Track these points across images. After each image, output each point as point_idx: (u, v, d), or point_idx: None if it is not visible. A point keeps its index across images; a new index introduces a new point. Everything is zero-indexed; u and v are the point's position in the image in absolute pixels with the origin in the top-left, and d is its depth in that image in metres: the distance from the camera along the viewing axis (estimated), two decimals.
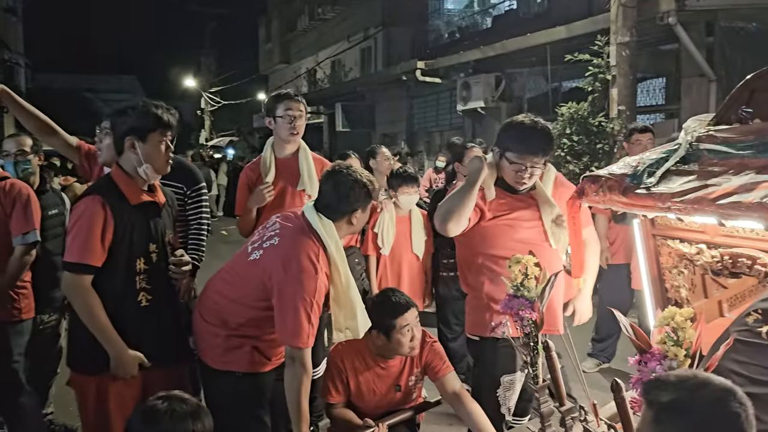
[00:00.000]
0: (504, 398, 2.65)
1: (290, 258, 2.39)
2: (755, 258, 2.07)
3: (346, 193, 2.49)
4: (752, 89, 2.22)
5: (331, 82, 19.89)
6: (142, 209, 2.48)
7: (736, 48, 7.13)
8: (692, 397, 1.27)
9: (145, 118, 2.43)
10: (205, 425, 1.82)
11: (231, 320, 2.52)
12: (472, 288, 2.91)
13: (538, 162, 2.71)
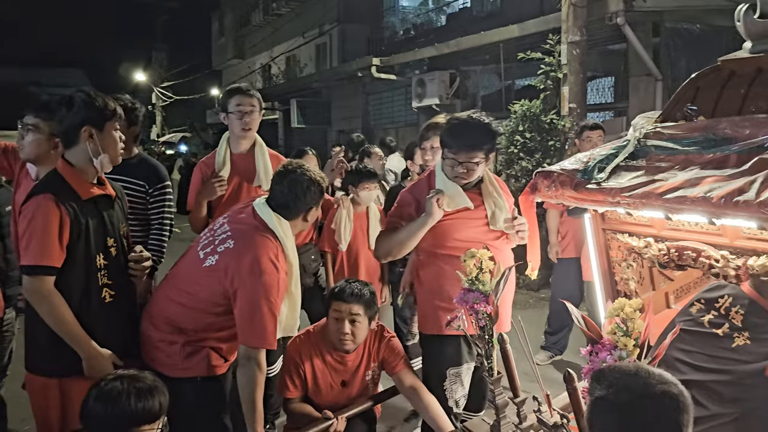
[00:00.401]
0: (451, 391, 2.68)
1: (252, 259, 2.36)
2: (700, 251, 2.14)
3: (303, 193, 2.50)
4: (697, 87, 2.30)
5: (286, 78, 19.71)
6: (95, 203, 2.41)
7: (681, 48, 7.36)
8: (620, 395, 1.32)
9: (101, 107, 2.37)
10: (162, 402, 1.90)
11: (188, 327, 2.47)
12: (420, 284, 2.93)
13: (473, 157, 2.67)
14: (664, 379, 1.33)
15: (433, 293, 2.80)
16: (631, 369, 1.37)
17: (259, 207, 2.52)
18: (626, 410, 1.30)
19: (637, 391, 1.31)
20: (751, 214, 1.73)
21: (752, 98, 2.09)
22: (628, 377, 1.34)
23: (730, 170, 1.91)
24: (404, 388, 2.78)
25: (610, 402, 1.32)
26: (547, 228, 4.95)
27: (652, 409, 1.30)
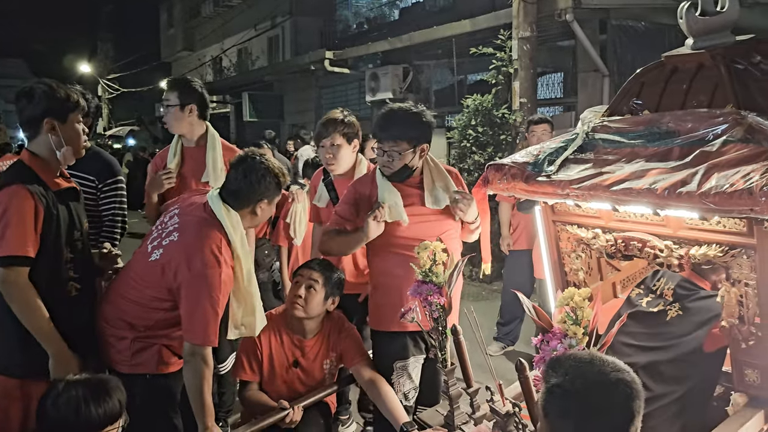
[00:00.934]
0: (399, 384, 2.69)
1: (193, 252, 2.31)
2: (645, 241, 2.21)
3: (256, 182, 2.43)
4: (642, 82, 2.36)
5: (237, 71, 19.42)
6: (62, 195, 2.34)
7: (627, 45, 7.56)
8: (575, 383, 1.34)
9: (64, 99, 2.30)
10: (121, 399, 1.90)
11: (138, 323, 2.41)
12: (369, 281, 2.94)
13: (396, 146, 2.64)
14: (618, 367, 1.36)
15: (381, 290, 2.79)
16: (585, 357, 1.40)
17: (211, 198, 2.46)
18: (582, 397, 1.33)
19: (592, 379, 1.34)
20: (693, 204, 1.79)
21: (694, 93, 2.16)
22: (583, 365, 1.37)
23: (673, 162, 1.97)
24: (363, 381, 2.77)
25: (566, 389, 1.35)
26: (499, 221, 5.02)
27: (607, 395, 1.33)
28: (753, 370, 2.10)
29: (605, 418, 1.32)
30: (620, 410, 1.33)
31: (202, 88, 3.35)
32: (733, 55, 2.16)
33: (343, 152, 3.15)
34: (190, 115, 3.26)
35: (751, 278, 1.98)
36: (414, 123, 2.66)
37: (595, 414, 1.32)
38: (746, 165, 1.77)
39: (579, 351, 1.46)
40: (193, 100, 3.26)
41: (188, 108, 3.25)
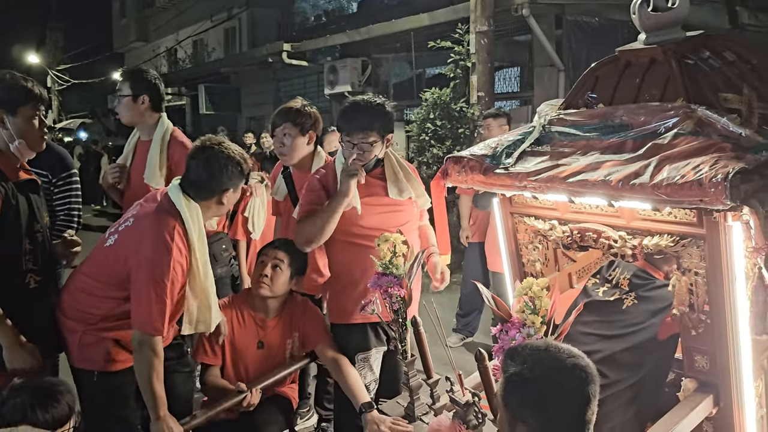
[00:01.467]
0: (360, 377, 2.69)
1: (144, 237, 2.25)
2: (600, 232, 2.26)
3: (219, 171, 2.36)
4: (596, 76, 2.41)
5: (193, 63, 19.07)
6: (22, 187, 2.28)
7: (581, 41, 7.70)
8: (533, 370, 1.38)
9: (14, 90, 2.23)
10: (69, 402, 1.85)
11: (92, 314, 2.35)
12: (328, 274, 2.93)
13: (367, 138, 2.65)
14: (573, 353, 1.40)
15: (341, 282, 2.78)
16: (541, 345, 1.43)
17: (171, 188, 2.39)
18: (540, 384, 1.36)
19: (549, 366, 1.37)
20: (645, 195, 1.84)
21: (646, 87, 2.21)
22: (539, 353, 1.40)
23: (627, 155, 2.01)
24: (326, 360, 2.76)
25: (524, 377, 1.37)
26: (458, 213, 5.08)
27: (564, 381, 1.36)
28: (702, 356, 2.17)
29: (562, 403, 1.35)
30: (577, 395, 1.36)
31: (156, 79, 3.25)
32: (684, 50, 2.22)
33: (295, 143, 3.11)
34: (143, 105, 3.17)
35: (700, 267, 2.04)
36: (379, 114, 2.67)
37: (553, 399, 1.35)
38: (696, 157, 1.82)
39: (535, 340, 1.49)
40: (146, 90, 3.17)
41: (141, 98, 3.16)
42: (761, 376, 2.23)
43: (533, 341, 1.45)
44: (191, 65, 18.96)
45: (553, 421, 1.36)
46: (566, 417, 1.37)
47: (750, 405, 2.14)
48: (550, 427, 1.36)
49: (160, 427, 2.23)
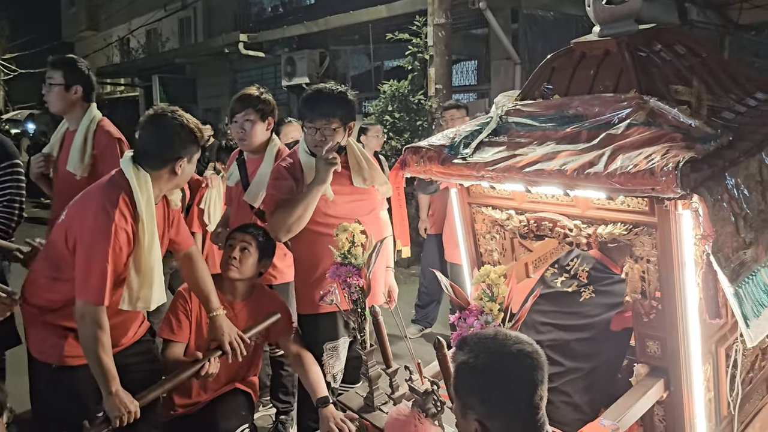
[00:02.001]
0: (328, 365, 2.69)
1: (87, 206, 2.20)
2: (556, 221, 2.29)
3: (169, 138, 2.28)
4: (552, 68, 2.44)
5: (146, 53, 18.62)
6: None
7: (537, 34, 7.80)
8: (479, 358, 1.39)
9: None
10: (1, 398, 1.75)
11: (51, 300, 2.29)
12: (295, 263, 2.92)
13: (330, 124, 2.67)
14: (520, 340, 1.41)
15: (308, 272, 2.78)
16: (489, 333, 1.44)
17: (125, 158, 2.32)
18: (486, 371, 1.37)
19: (494, 353, 1.39)
20: (600, 184, 1.87)
21: (600, 78, 2.25)
22: (487, 341, 1.41)
23: (582, 145, 2.05)
24: (290, 353, 2.77)
25: (471, 365, 1.39)
26: (417, 205, 5.10)
27: (509, 367, 1.38)
28: (654, 341, 2.22)
29: (509, 389, 1.37)
30: (523, 380, 1.38)
31: (89, 69, 3.22)
32: (637, 43, 2.26)
33: (255, 128, 3.13)
34: (75, 95, 3.12)
35: (652, 255, 2.09)
36: (341, 101, 2.71)
37: (499, 386, 1.37)
38: (648, 147, 1.87)
39: (485, 329, 1.50)
40: (80, 80, 3.13)
41: (74, 88, 3.11)
42: (709, 360, 2.30)
43: (483, 330, 1.46)
44: (145, 55, 18.50)
45: (500, 408, 1.37)
46: (513, 403, 1.38)
47: (699, 388, 2.21)
48: (497, 414, 1.37)
49: (113, 402, 2.15)
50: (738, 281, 1.89)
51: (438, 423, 1.87)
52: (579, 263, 2.49)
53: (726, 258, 1.85)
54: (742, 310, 1.87)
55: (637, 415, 2.14)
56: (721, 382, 2.37)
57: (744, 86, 2.37)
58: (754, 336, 1.89)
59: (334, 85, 2.79)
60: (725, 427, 2.42)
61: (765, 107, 2.31)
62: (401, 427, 1.88)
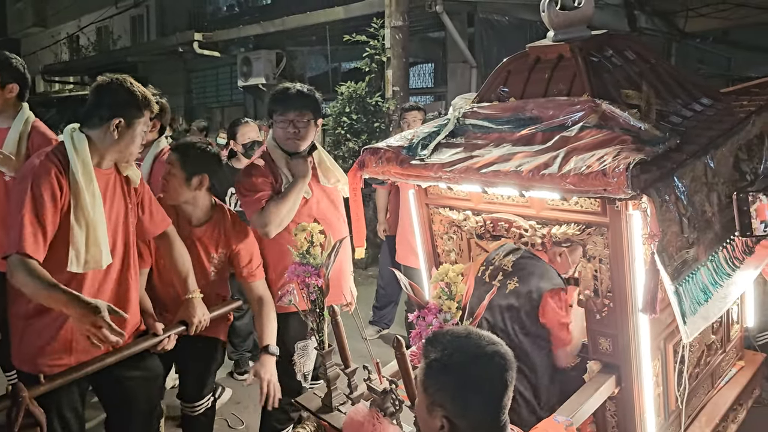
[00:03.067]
0: (299, 365, 2.68)
1: (22, 170, 2.24)
2: (512, 222, 2.33)
3: (106, 95, 2.25)
4: (508, 71, 2.48)
5: (97, 51, 18.15)
6: None
7: (493, 38, 7.92)
8: (453, 356, 1.39)
9: None
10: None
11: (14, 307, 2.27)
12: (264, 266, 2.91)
13: (303, 116, 2.77)
14: (492, 340, 1.42)
15: (278, 271, 2.80)
16: (462, 332, 1.45)
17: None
18: (460, 370, 1.38)
19: (469, 352, 1.39)
20: (554, 185, 1.92)
21: (555, 82, 2.30)
22: (460, 339, 1.42)
23: (536, 147, 2.09)
24: (252, 298, 2.79)
25: (444, 363, 1.39)
26: (374, 206, 5.11)
27: (484, 368, 1.39)
28: (606, 339, 2.28)
29: (482, 389, 1.38)
30: (496, 381, 1.39)
31: (24, 67, 3.15)
32: (589, 48, 2.33)
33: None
34: (10, 94, 3.06)
35: (604, 254, 2.15)
36: (310, 98, 2.82)
37: (473, 386, 1.38)
38: (600, 149, 1.92)
39: (456, 327, 1.51)
40: (16, 79, 3.07)
41: (10, 87, 3.05)
42: (658, 356, 2.38)
43: (455, 327, 1.47)
44: (95, 53, 18.04)
45: (471, 407, 1.38)
46: (484, 403, 1.39)
47: (648, 384, 2.28)
48: (467, 413, 1.39)
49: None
50: (679, 279, 1.96)
51: (396, 422, 1.88)
52: (503, 254, 2.51)
53: (670, 257, 1.92)
54: (680, 308, 1.94)
55: (590, 411, 2.20)
56: (669, 377, 2.45)
57: (690, 92, 2.46)
58: (691, 332, 1.97)
59: (300, 85, 2.87)
60: (673, 421, 2.51)
61: (710, 112, 2.41)
62: (359, 427, 1.88)
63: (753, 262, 2.34)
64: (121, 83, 2.27)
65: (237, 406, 4.01)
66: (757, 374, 3.11)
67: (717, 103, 2.50)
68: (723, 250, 2.19)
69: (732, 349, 3.02)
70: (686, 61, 8.20)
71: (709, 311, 2.07)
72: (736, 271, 2.23)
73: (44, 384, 2.12)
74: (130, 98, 2.27)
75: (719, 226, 2.19)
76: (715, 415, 2.73)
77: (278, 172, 2.80)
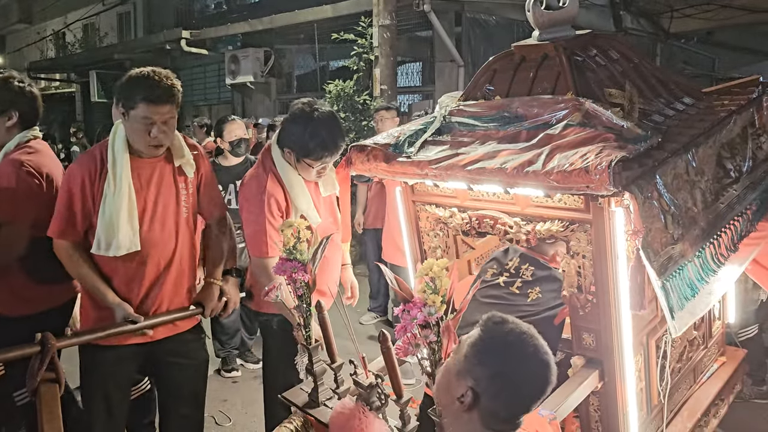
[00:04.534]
0: (301, 363, 2.68)
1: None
2: (497, 218, 2.36)
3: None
4: (494, 70, 2.51)
5: (84, 48, 18.02)
6: None
7: (479, 37, 7.97)
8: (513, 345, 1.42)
9: None
10: None
11: None
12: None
13: (333, 160, 2.69)
14: (548, 352, 1.44)
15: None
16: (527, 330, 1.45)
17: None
18: (512, 359, 1.41)
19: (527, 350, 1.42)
20: (538, 182, 1.94)
21: (539, 80, 2.33)
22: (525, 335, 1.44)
23: (521, 144, 2.12)
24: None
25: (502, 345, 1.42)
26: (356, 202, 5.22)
27: (532, 370, 1.41)
28: (589, 334, 2.32)
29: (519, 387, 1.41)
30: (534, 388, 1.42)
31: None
32: (573, 47, 2.35)
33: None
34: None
35: (587, 251, 2.18)
36: (342, 131, 2.74)
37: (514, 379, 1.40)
38: (583, 146, 1.95)
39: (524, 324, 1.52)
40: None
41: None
42: (641, 351, 2.41)
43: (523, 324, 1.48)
44: (81, 50, 17.91)
45: (501, 396, 1.40)
46: (514, 399, 1.42)
47: (631, 379, 2.32)
48: (496, 399, 1.40)
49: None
50: (666, 275, 1.98)
51: (382, 416, 1.89)
52: (519, 261, 2.56)
53: (655, 253, 1.95)
54: (668, 302, 1.96)
55: (574, 405, 2.23)
56: (651, 372, 2.49)
57: (673, 91, 2.50)
58: (679, 327, 1.99)
59: (329, 109, 2.72)
60: (655, 416, 2.55)
61: (692, 111, 2.45)
62: (345, 422, 1.89)
63: (737, 259, 2.37)
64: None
65: (224, 404, 4.02)
66: (739, 370, 3.15)
67: (699, 102, 2.53)
68: (710, 246, 2.21)
69: (714, 345, 3.06)
70: (671, 61, 8.29)
71: (695, 306, 2.09)
72: (721, 268, 2.26)
73: (71, 337, 2.31)
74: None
75: (705, 223, 2.22)
76: (696, 410, 2.77)
77: (286, 198, 2.69)
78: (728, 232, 2.30)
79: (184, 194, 2.58)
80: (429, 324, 1.63)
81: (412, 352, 1.66)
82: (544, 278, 2.47)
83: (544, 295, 2.42)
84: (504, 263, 2.64)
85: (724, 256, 2.29)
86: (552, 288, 2.44)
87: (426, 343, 1.65)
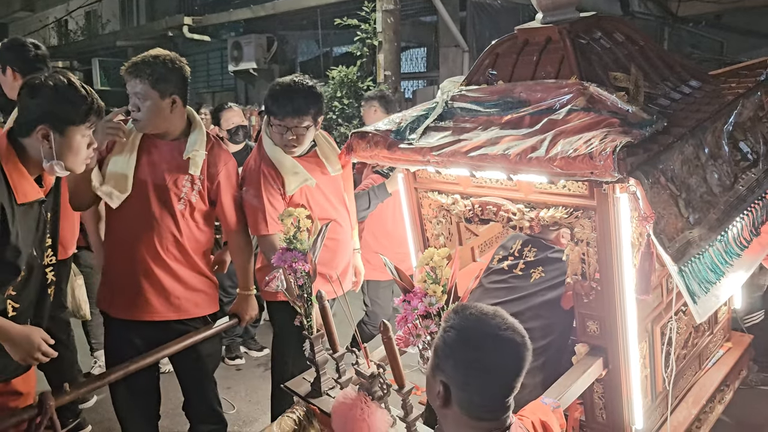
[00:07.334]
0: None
1: None
2: (500, 205, 2.33)
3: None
4: (497, 54, 2.46)
5: (86, 35, 17.95)
6: None
7: (484, 22, 7.88)
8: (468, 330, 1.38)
9: None
10: None
11: None
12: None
13: (302, 122, 2.69)
14: (514, 327, 1.40)
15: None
16: (489, 311, 1.42)
17: None
18: (469, 345, 1.38)
19: (486, 332, 1.38)
20: (541, 169, 1.91)
21: (543, 64, 2.29)
22: (483, 317, 1.40)
23: (524, 130, 2.08)
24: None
25: (458, 334, 1.38)
26: None
27: (494, 350, 1.38)
28: (593, 321, 2.29)
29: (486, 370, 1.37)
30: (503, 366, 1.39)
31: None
32: (578, 30, 2.31)
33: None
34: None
35: (591, 238, 2.15)
36: (313, 97, 2.71)
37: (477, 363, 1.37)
38: (588, 132, 1.91)
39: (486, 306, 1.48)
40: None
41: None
42: (646, 338, 2.39)
43: (486, 306, 1.44)
44: (84, 38, 17.85)
45: (472, 383, 1.38)
46: (486, 382, 1.38)
47: (635, 366, 2.30)
48: (467, 387, 1.38)
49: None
50: (683, 260, 1.92)
51: (384, 405, 1.88)
52: (521, 243, 2.54)
53: (669, 239, 1.90)
54: (688, 288, 1.91)
55: (578, 393, 2.21)
56: (656, 359, 2.47)
57: (679, 74, 2.45)
58: (703, 312, 1.94)
59: (303, 78, 2.74)
60: (660, 402, 2.53)
61: (698, 94, 2.40)
62: (347, 411, 1.88)
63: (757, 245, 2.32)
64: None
65: (228, 391, 4.02)
66: (744, 355, 3.13)
67: (706, 85, 2.49)
68: (732, 229, 2.16)
69: (719, 331, 3.04)
70: (679, 45, 8.19)
71: (720, 291, 2.03)
72: (743, 251, 2.21)
73: (69, 392, 2.19)
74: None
75: (725, 206, 2.17)
76: (702, 396, 2.75)
77: (278, 175, 2.73)
78: (750, 215, 2.25)
79: (184, 182, 2.58)
80: (430, 314, 1.61)
81: (413, 343, 1.65)
82: (546, 258, 2.45)
83: (547, 274, 2.42)
84: (509, 248, 2.63)
85: (746, 239, 2.24)
86: (554, 267, 2.43)
87: (427, 333, 1.63)
